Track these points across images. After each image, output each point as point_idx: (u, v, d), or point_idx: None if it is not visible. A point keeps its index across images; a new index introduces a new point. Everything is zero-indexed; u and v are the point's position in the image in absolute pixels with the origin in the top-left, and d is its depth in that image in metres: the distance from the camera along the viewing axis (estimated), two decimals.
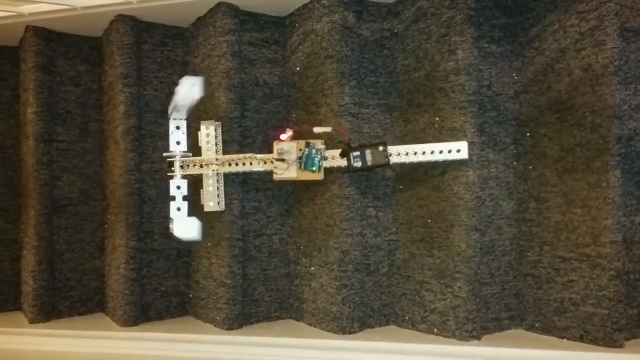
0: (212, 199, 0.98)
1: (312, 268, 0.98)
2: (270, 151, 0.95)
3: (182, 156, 0.98)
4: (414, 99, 0.94)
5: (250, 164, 0.96)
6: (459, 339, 0.87)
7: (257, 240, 1.02)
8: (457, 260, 0.87)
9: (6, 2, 1.05)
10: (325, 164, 0.92)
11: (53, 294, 1.10)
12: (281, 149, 0.92)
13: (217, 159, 0.96)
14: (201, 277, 1.05)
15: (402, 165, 0.93)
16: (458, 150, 0.86)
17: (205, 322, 1.04)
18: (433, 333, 0.90)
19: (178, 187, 0.97)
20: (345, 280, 0.92)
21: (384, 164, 0.89)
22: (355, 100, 0.94)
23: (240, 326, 0.99)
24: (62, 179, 1.11)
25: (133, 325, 1.03)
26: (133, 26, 1.04)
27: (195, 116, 1.04)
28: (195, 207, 0.99)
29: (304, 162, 0.92)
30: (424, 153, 0.88)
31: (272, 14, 1.04)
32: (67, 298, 1.11)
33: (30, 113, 1.08)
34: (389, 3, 0.97)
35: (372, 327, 0.96)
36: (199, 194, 0.99)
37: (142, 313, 1.05)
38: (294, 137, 0.93)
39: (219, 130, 0.98)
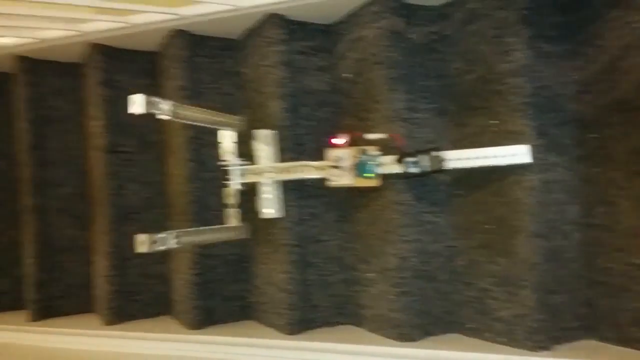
0: (268, 206, 1.00)
1: (370, 274, 0.98)
2: (322, 158, 0.96)
3: (240, 165, 1.01)
4: (468, 102, 0.92)
5: (306, 171, 0.97)
6: (526, 349, 0.84)
7: (314, 247, 1.04)
8: (521, 268, 0.84)
9: (70, 22, 1.11)
10: (381, 170, 0.91)
11: (124, 298, 1.16)
12: (336, 156, 0.92)
13: (272, 167, 0.98)
14: (261, 283, 1.08)
15: (459, 170, 0.91)
16: (519, 154, 0.83)
17: (267, 326, 1.07)
18: (498, 342, 0.88)
19: (233, 195, 1.00)
20: (405, 287, 0.92)
21: (441, 169, 0.87)
22: (407, 105, 0.93)
23: (301, 331, 1.01)
24: (127, 188, 1.17)
25: (199, 329, 1.07)
26: (188, 40, 1.07)
27: (250, 125, 1.06)
28: (253, 213, 1.02)
29: (360, 168, 0.91)
30: (482, 158, 0.86)
31: (320, 22, 1.04)
32: (136, 301, 1.18)
33: (96, 126, 1.14)
34: (438, 6, 0.95)
35: (434, 335, 0.95)
36: (253, 201, 1.01)
37: (207, 317, 1.09)
38: (349, 144, 0.93)
39: (275, 138, 0.99)
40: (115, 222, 1.14)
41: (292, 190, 1.00)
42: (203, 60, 1.10)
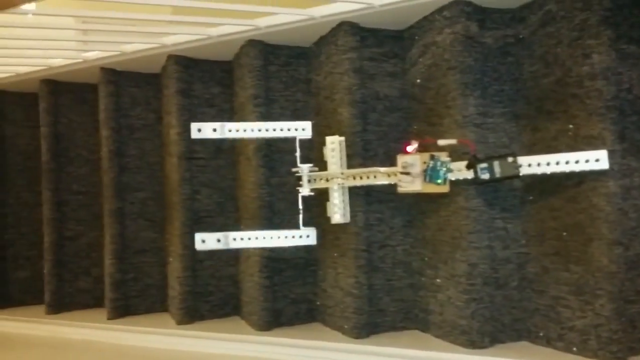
0: (339, 211, 1.01)
1: (438, 280, 0.98)
2: (392, 164, 0.97)
3: (310, 171, 1.03)
4: (543, 106, 0.90)
5: (375, 177, 0.98)
6: None
7: (381, 251, 1.04)
8: (598, 277, 0.82)
9: (152, 35, 1.18)
10: (451, 176, 0.91)
11: (196, 298, 1.21)
12: (406, 162, 0.93)
13: (342, 173, 1.00)
14: (328, 286, 1.10)
15: (532, 175, 0.90)
16: (597, 160, 0.81)
17: (333, 329, 1.08)
18: (572, 352, 0.86)
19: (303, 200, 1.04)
20: (474, 294, 0.91)
21: (514, 175, 0.86)
22: (480, 110, 0.92)
23: (367, 335, 1.01)
24: (201, 192, 1.22)
25: (267, 330, 1.10)
26: (261, 49, 1.11)
27: (320, 132, 1.08)
28: (320, 218, 1.04)
29: (429, 174, 0.92)
30: (557, 163, 0.84)
31: (391, 28, 1.05)
32: (207, 302, 1.22)
33: (174, 134, 1.20)
34: (513, 9, 0.94)
35: (503, 343, 0.93)
36: (323, 206, 1.03)
37: (274, 318, 1.11)
38: (418, 150, 0.93)
39: (343, 145, 1.02)
40: (188, 226, 1.19)
41: (360, 195, 1.01)
42: (276, 69, 1.14)
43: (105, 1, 1.00)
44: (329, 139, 1.02)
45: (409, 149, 0.94)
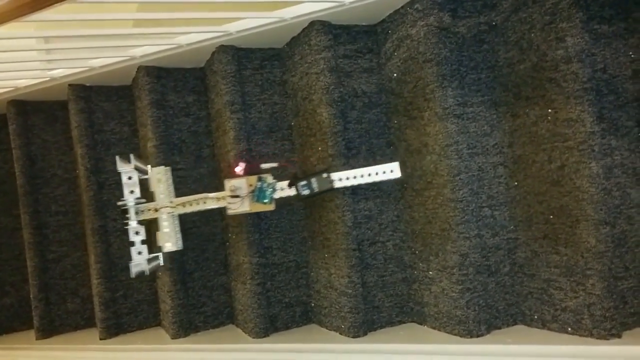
0: (170, 240, 1.05)
1: (430, 272, 0.98)
2: (376, 161, 1.00)
3: (136, 203, 1.05)
4: (521, 92, 0.91)
5: (205, 202, 1.03)
6: (597, 338, 0.83)
7: (372, 248, 1.04)
8: (587, 257, 0.83)
9: (119, 49, 1.15)
10: (276, 195, 1.01)
11: (188, 311, 1.19)
12: (234, 186, 1.00)
13: (171, 202, 1.03)
14: (321, 287, 1.09)
15: (515, 160, 0.90)
16: (391, 171, 0.98)
17: (330, 330, 1.07)
18: (567, 332, 0.87)
19: (137, 233, 1.05)
20: (468, 283, 0.91)
21: (329, 188, 0.98)
22: (459, 100, 0.92)
23: (365, 333, 1.01)
24: None
25: (263, 337, 1.09)
26: (233, 55, 1.09)
27: (301, 133, 1.07)
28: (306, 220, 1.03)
29: (257, 195, 1.00)
30: (362, 176, 0.98)
31: (363, 24, 1.04)
32: (200, 313, 1.20)
33: (151, 147, 1.18)
34: None
35: (499, 328, 0.94)
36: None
37: (270, 324, 1.11)
38: (245, 173, 1.02)
39: (169, 174, 1.05)
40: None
41: (347, 195, 1.01)
42: (249, 73, 1.12)
43: (68, 20, 0.97)
44: (154, 170, 1.05)
45: (237, 169, 1.01)
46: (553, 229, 0.88)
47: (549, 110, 0.86)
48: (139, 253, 1.05)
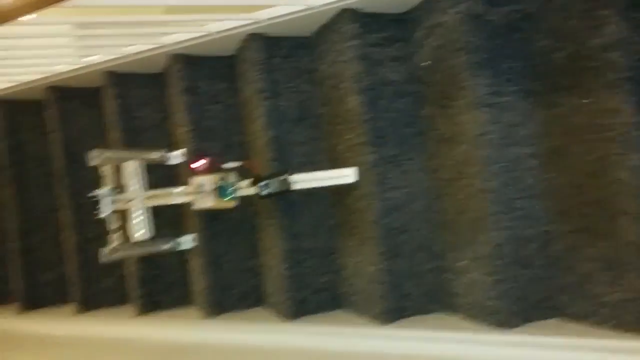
0: (140, 229, 1.12)
1: (461, 262, 0.98)
2: (404, 150, 1.01)
3: (109, 195, 1.11)
4: (557, 82, 0.88)
5: (170, 198, 1.10)
6: (638, 333, 0.81)
7: (401, 237, 1.04)
8: (626, 251, 0.81)
9: (152, 36, 1.17)
10: (238, 193, 1.05)
11: (219, 292, 1.22)
12: (198, 183, 1.05)
13: (140, 195, 1.09)
14: (350, 274, 1.11)
15: (550, 152, 0.88)
16: (347, 176, 1.00)
17: (359, 315, 1.09)
18: (606, 327, 0.85)
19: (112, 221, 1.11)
20: (500, 274, 0.91)
21: (287, 189, 1.01)
22: (492, 89, 0.90)
23: (395, 320, 1.02)
24: None
25: (293, 319, 1.11)
26: (263, 43, 1.09)
27: (329, 122, 1.07)
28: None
29: (220, 192, 1.04)
30: (319, 180, 1.02)
31: (393, 12, 1.02)
32: (231, 295, 1.24)
33: (183, 132, 1.20)
34: None
35: (532, 321, 0.93)
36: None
37: (299, 308, 1.13)
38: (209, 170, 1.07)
39: (141, 167, 1.11)
40: (206, 222, 1.20)
41: (375, 184, 1.01)
42: (279, 61, 1.12)
43: (102, 6, 0.98)
44: (128, 164, 1.11)
45: (194, 165, 1.07)
46: (590, 223, 0.86)
47: (586, 101, 0.84)
48: (119, 238, 1.13)
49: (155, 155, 1.13)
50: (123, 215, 1.14)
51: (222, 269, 1.23)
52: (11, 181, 1.46)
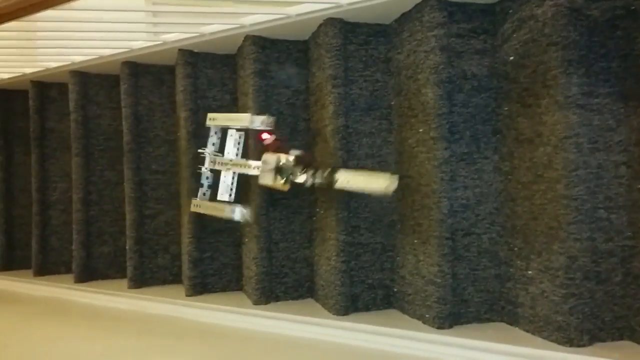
0: (223, 192, 1.19)
1: (529, 272, 0.92)
2: (479, 147, 0.97)
3: (212, 154, 1.21)
4: None
5: (241, 168, 1.16)
6: None
7: (466, 239, 0.99)
8: None
9: (231, 16, 1.17)
10: (291, 178, 1.05)
11: (271, 279, 1.21)
12: (265, 160, 1.08)
13: (225, 160, 1.19)
14: (407, 273, 1.06)
15: None
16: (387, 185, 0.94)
17: (413, 317, 1.04)
18: None
19: (207, 178, 1.23)
20: (573, 288, 0.84)
21: (330, 186, 1.00)
22: (584, 89, 0.84)
23: (450, 326, 0.97)
24: None
25: (343, 315, 1.08)
26: (340, 28, 1.07)
27: (401, 114, 1.03)
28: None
29: (279, 173, 1.06)
30: (359, 186, 0.97)
31: (481, 2, 0.98)
32: (282, 284, 1.22)
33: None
34: None
35: (603, 341, 0.87)
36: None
37: (351, 303, 1.10)
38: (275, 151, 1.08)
39: (243, 138, 1.19)
40: (264, 207, 1.19)
41: (445, 181, 0.96)
42: (354, 48, 1.10)
43: None
44: (230, 132, 1.20)
45: (264, 136, 1.09)
46: None
47: None
48: (204, 194, 1.22)
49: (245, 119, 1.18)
50: (216, 176, 1.23)
51: (276, 256, 1.21)
52: (79, 152, 1.50)
